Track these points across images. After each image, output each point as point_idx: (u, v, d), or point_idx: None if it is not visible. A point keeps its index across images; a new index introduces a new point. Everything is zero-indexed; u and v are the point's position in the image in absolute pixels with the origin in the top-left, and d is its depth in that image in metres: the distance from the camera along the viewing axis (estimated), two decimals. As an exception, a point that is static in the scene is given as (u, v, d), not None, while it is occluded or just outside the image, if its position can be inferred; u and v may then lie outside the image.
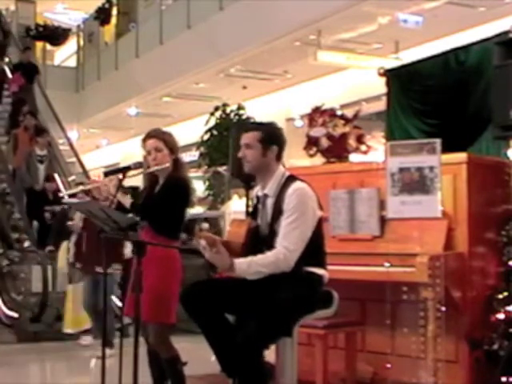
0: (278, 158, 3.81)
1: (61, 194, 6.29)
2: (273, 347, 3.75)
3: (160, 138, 4.23)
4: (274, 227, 3.68)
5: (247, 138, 3.79)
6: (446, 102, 6.21)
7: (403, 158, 4.43)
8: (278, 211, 3.67)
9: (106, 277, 5.67)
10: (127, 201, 4.21)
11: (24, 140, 10.82)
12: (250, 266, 3.53)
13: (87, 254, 7.02)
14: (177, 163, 4.25)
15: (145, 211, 4.17)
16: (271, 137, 3.79)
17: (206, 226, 9.49)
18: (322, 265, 3.74)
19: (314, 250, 3.68)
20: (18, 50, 14.75)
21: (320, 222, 3.73)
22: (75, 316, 7.67)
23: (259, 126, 3.90)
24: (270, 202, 3.75)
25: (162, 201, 4.14)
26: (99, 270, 6.65)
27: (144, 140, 4.27)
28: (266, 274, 3.55)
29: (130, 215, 4.13)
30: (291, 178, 3.75)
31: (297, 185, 3.68)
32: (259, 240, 3.75)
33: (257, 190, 3.92)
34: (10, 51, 14.75)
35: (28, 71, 12.93)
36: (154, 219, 4.15)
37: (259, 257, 3.58)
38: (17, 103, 12.49)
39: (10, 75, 13.61)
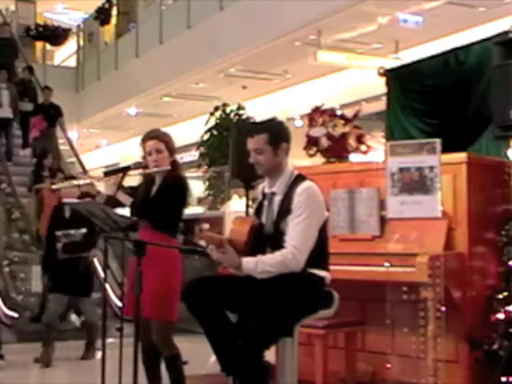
0: (287, 153, 3.76)
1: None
2: (273, 347, 3.75)
3: (161, 139, 4.28)
4: (279, 225, 3.63)
5: (255, 142, 3.69)
6: (446, 102, 6.20)
7: (403, 157, 4.44)
8: (285, 210, 3.62)
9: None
10: (127, 199, 4.23)
11: (50, 203, 8.95)
12: (257, 265, 3.51)
13: None
14: (175, 164, 4.31)
15: (144, 208, 4.19)
16: (279, 135, 3.72)
17: (206, 226, 9.43)
18: (325, 266, 3.70)
19: (319, 252, 3.64)
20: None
21: (325, 223, 3.70)
22: None
23: (264, 127, 3.76)
24: (277, 199, 3.69)
25: (162, 198, 4.18)
26: None
27: (144, 140, 4.29)
28: (274, 273, 3.51)
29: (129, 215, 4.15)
30: (300, 177, 3.70)
31: (306, 184, 3.64)
32: (263, 238, 3.70)
33: (263, 187, 3.85)
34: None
35: (50, 115, 12.02)
36: (153, 216, 4.17)
37: (267, 256, 3.55)
38: (40, 156, 11.07)
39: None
